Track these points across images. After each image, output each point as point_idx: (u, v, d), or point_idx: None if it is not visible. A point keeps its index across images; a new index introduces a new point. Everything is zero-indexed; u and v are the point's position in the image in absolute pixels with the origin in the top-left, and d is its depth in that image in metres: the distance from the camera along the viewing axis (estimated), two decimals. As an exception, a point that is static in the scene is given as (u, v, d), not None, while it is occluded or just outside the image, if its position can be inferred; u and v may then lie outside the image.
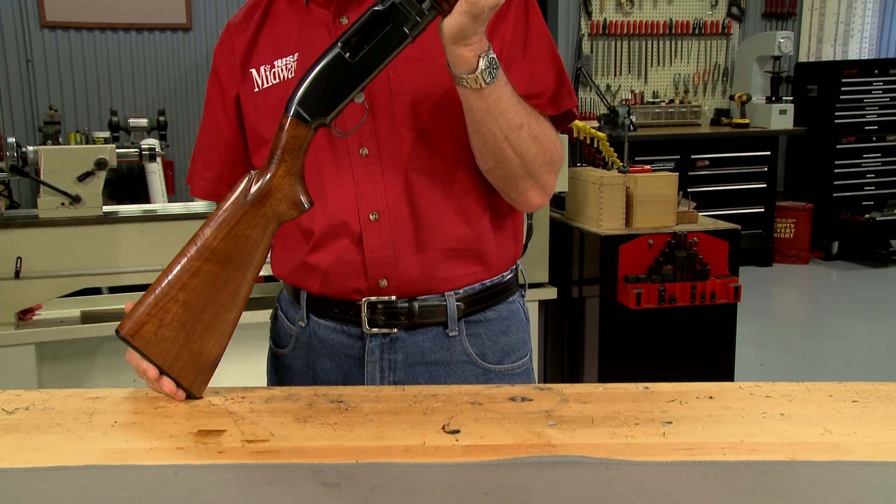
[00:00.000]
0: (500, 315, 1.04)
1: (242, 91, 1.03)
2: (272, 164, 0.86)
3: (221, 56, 1.05)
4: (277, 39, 1.01)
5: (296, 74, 0.98)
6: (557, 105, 0.99)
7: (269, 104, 1.00)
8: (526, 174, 0.96)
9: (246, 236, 0.87)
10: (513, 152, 0.93)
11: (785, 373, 3.65)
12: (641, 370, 2.36)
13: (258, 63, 1.01)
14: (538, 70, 0.98)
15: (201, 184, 1.11)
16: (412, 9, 0.84)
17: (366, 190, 0.97)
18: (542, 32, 0.99)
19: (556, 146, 0.98)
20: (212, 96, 1.07)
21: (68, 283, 2.11)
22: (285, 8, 1.02)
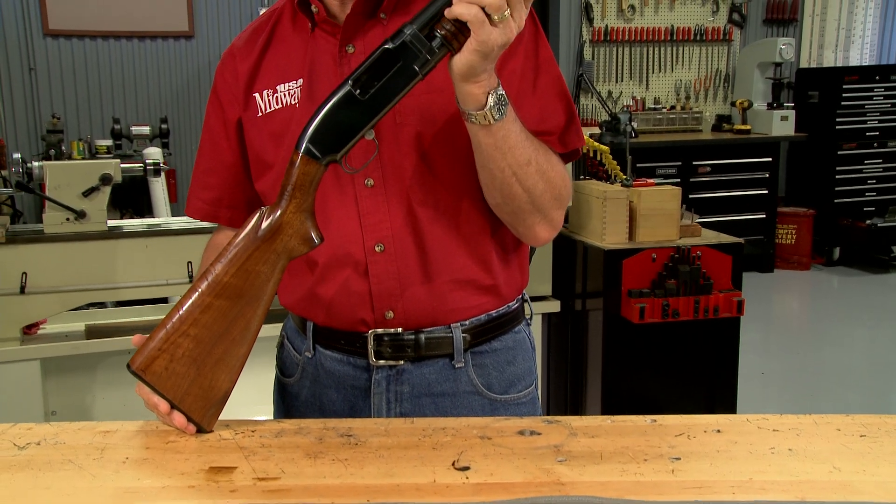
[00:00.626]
0: (505, 345, 1.04)
1: (245, 116, 1.03)
2: (283, 200, 0.87)
3: (223, 79, 1.05)
4: (282, 64, 1.01)
5: (300, 101, 0.98)
6: (565, 143, 0.99)
7: (272, 129, 1.00)
8: (534, 209, 0.96)
9: (257, 272, 0.88)
10: (521, 188, 0.93)
11: (786, 382, 3.66)
12: (645, 384, 2.36)
13: (261, 87, 1.01)
14: (548, 107, 0.98)
15: (198, 204, 1.10)
16: (422, 47, 0.84)
17: (371, 221, 0.97)
18: (551, 67, 0.99)
19: (564, 181, 0.98)
20: (212, 118, 1.07)
21: (73, 297, 2.11)
22: (290, 32, 1.02)
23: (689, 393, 2.38)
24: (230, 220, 1.09)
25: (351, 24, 0.96)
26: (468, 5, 0.81)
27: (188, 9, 4.66)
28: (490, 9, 0.80)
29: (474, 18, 0.81)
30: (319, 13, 0.98)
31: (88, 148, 4.41)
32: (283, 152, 0.97)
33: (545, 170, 0.94)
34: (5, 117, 4.42)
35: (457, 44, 0.84)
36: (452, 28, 0.84)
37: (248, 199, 1.08)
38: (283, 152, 0.98)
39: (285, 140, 0.98)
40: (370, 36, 0.97)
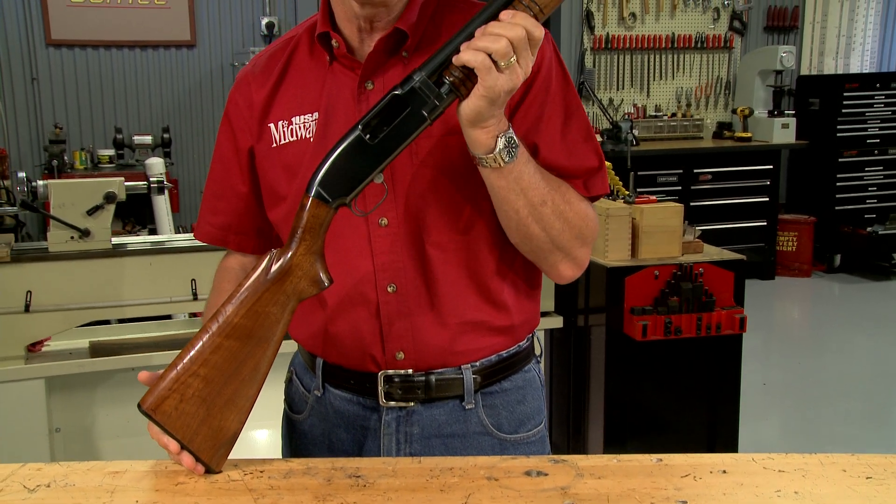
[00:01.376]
0: (515, 385, 1.05)
1: (258, 146, 1.03)
2: (293, 242, 0.88)
3: (236, 106, 1.05)
4: (298, 95, 1.01)
5: (315, 135, 0.98)
6: (590, 188, 0.99)
7: (285, 161, 1.00)
8: (554, 248, 0.96)
9: (266, 313, 0.88)
10: (538, 228, 0.93)
11: (788, 392, 3.66)
12: (647, 400, 2.37)
13: (276, 118, 1.01)
14: (577, 152, 0.98)
15: (207, 229, 1.10)
16: (431, 93, 0.85)
17: (384, 261, 0.97)
18: (579, 112, 0.99)
19: (585, 220, 0.98)
20: (223, 144, 1.07)
21: (77, 315, 2.12)
22: (307, 62, 1.01)
23: (692, 408, 2.39)
24: (239, 246, 1.10)
25: (372, 61, 0.96)
26: (475, 52, 0.82)
27: (190, 18, 4.67)
28: (497, 56, 0.81)
29: (481, 65, 0.82)
30: (339, 48, 0.98)
31: (91, 157, 4.43)
32: (297, 185, 0.97)
33: (562, 210, 0.94)
34: (8, 127, 4.43)
35: (465, 90, 0.85)
36: (460, 74, 0.85)
37: (258, 226, 1.08)
38: (296, 185, 0.98)
39: (299, 173, 0.98)
40: (390, 73, 0.97)
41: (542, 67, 0.96)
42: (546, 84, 0.96)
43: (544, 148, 0.97)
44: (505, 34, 0.81)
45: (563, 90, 0.98)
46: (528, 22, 0.83)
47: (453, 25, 0.98)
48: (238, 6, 4.74)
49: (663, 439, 2.39)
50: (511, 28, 0.82)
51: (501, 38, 0.81)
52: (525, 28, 0.82)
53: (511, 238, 0.97)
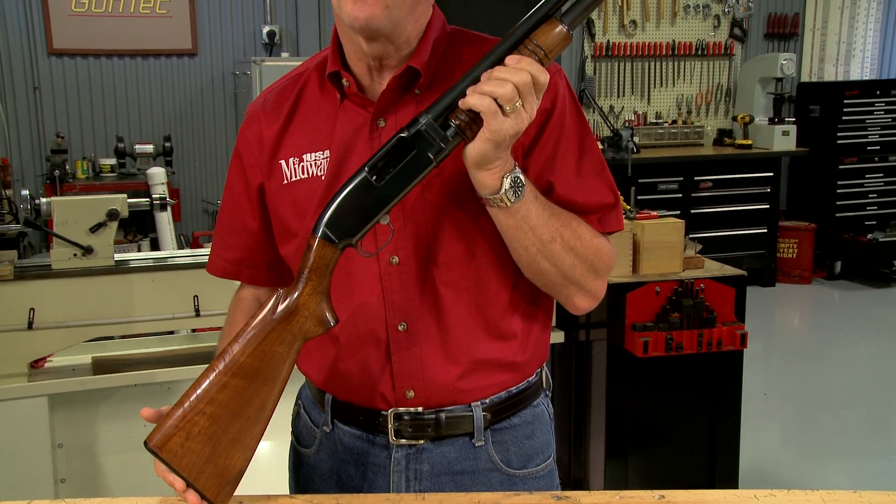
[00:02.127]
0: (524, 420, 1.05)
1: (269, 183, 1.03)
2: (299, 282, 0.88)
3: (247, 142, 1.05)
4: (308, 132, 1.01)
5: (326, 173, 0.98)
6: (604, 224, 1.00)
7: (296, 199, 1.00)
8: (567, 282, 0.97)
9: (273, 352, 0.89)
10: (548, 264, 0.94)
11: (789, 404, 3.67)
12: (648, 414, 2.37)
13: (287, 155, 1.01)
14: (592, 189, 0.99)
15: (220, 263, 1.11)
16: (437, 135, 0.86)
17: (395, 299, 0.98)
18: (593, 148, 1.00)
19: (598, 254, 0.98)
20: (234, 180, 1.07)
21: (80, 332, 2.12)
22: (318, 99, 1.02)
23: (693, 421, 2.39)
24: (251, 279, 1.11)
25: (385, 100, 0.96)
26: (481, 97, 0.83)
27: (191, 27, 4.68)
28: (502, 100, 0.82)
29: (487, 109, 0.82)
30: (350, 87, 0.98)
31: (92, 167, 4.44)
32: (307, 222, 0.98)
33: (573, 245, 0.95)
34: (10, 136, 4.44)
35: (470, 133, 0.86)
36: (466, 118, 0.86)
37: (269, 260, 1.08)
38: (307, 222, 0.98)
39: (309, 211, 0.98)
40: (402, 111, 0.97)
41: (556, 105, 0.97)
42: (560, 122, 0.97)
43: (559, 185, 0.97)
44: (510, 79, 0.82)
45: (578, 127, 0.99)
46: (533, 67, 0.83)
47: (466, 61, 0.98)
48: (239, 15, 4.75)
49: (664, 451, 2.40)
50: (517, 73, 0.82)
51: (507, 83, 0.82)
52: (530, 73, 0.83)
53: (524, 273, 0.98)
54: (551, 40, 0.86)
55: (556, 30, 0.86)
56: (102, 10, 4.50)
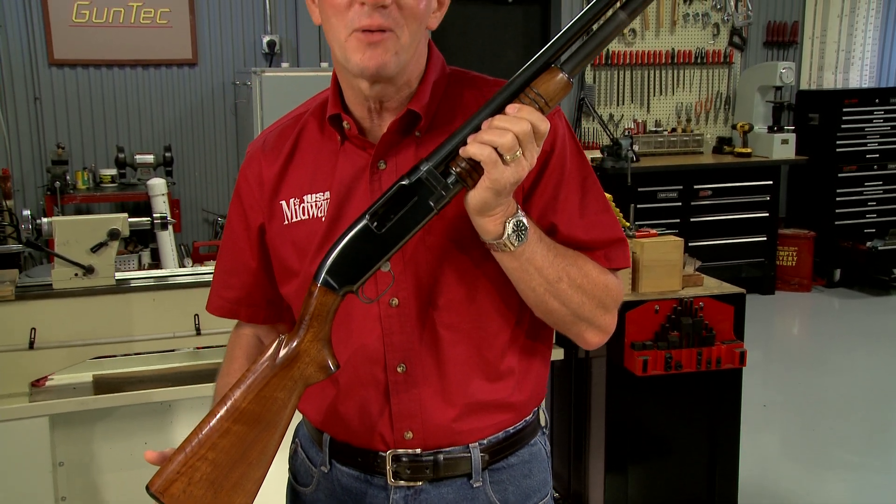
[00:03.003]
0: (522, 459, 1.05)
1: (270, 224, 1.03)
2: (301, 329, 0.89)
3: (247, 183, 1.05)
4: (309, 173, 1.01)
5: (327, 215, 0.99)
6: (611, 259, 1.00)
7: (296, 239, 1.01)
8: (577, 319, 0.97)
9: (274, 398, 0.90)
10: (557, 303, 0.94)
11: (787, 414, 3.67)
12: (647, 429, 2.38)
13: (287, 196, 1.02)
14: (596, 227, 0.99)
15: (220, 303, 1.12)
16: (437, 184, 0.86)
17: (394, 341, 0.98)
18: (595, 186, 1.00)
19: (606, 290, 0.98)
20: (234, 220, 1.08)
21: (81, 352, 2.13)
22: (318, 140, 1.02)
23: (692, 436, 2.40)
24: (250, 318, 1.11)
25: (385, 142, 0.97)
26: (482, 146, 0.83)
27: (192, 37, 4.68)
28: (503, 150, 0.83)
29: (487, 159, 0.83)
30: (351, 129, 0.99)
31: (93, 177, 4.44)
32: (308, 263, 0.99)
33: (580, 283, 0.95)
34: (10, 146, 4.45)
35: (471, 181, 0.86)
36: (467, 166, 0.86)
37: (270, 298, 1.09)
38: (308, 262, 0.99)
39: (310, 252, 0.99)
40: (403, 153, 0.98)
41: (556, 146, 0.97)
42: (560, 162, 0.98)
43: (563, 226, 0.98)
44: (511, 128, 0.83)
45: (578, 166, 0.99)
46: (533, 116, 0.84)
47: (467, 103, 0.99)
48: (240, 25, 4.75)
49: (664, 466, 2.41)
50: (517, 122, 0.83)
51: (507, 133, 0.83)
52: (531, 122, 0.84)
53: (534, 312, 0.98)
54: (552, 88, 0.87)
55: (556, 78, 0.87)
56: (103, 21, 4.51)
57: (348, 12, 0.90)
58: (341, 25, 0.91)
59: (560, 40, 0.87)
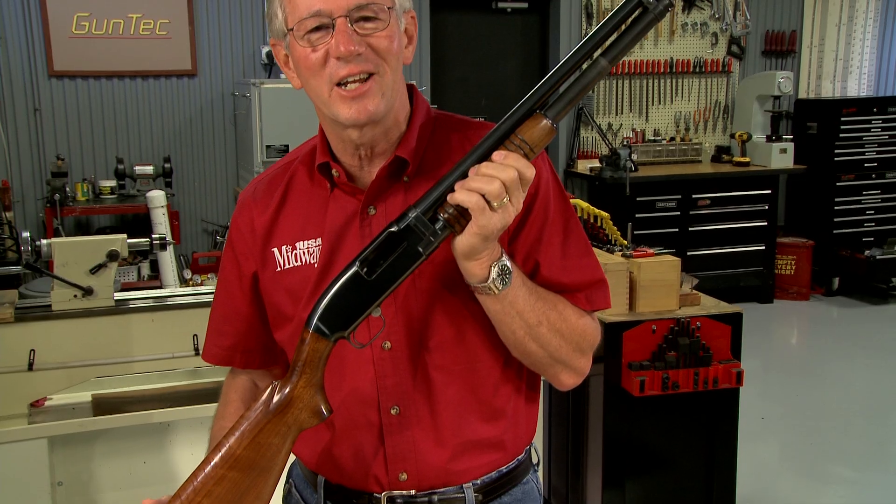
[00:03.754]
0: (515, 498, 1.07)
1: (263, 271, 1.05)
2: (293, 375, 0.90)
3: (239, 231, 1.07)
4: (300, 220, 1.03)
5: (319, 261, 1.00)
6: (592, 301, 1.02)
7: (289, 286, 1.02)
8: (554, 362, 0.99)
9: (268, 444, 0.91)
10: (535, 345, 0.96)
11: (786, 428, 3.68)
12: (645, 447, 2.39)
13: (280, 243, 1.03)
14: (577, 269, 1.01)
15: (215, 350, 1.13)
16: (426, 230, 0.88)
17: (387, 384, 0.99)
18: (577, 227, 1.02)
19: (584, 334, 1.00)
20: (227, 269, 1.09)
21: (80, 373, 2.14)
22: (308, 187, 1.03)
23: (690, 452, 2.40)
24: (245, 364, 1.12)
25: (374, 189, 0.98)
26: (469, 193, 0.85)
27: (191, 48, 4.70)
28: (490, 196, 0.84)
29: (475, 206, 0.85)
30: (340, 177, 1.00)
31: (92, 188, 4.45)
32: (302, 308, 1.00)
33: (559, 327, 0.97)
34: (10, 158, 4.46)
35: (459, 227, 0.88)
36: (455, 212, 0.88)
37: (264, 344, 1.10)
38: (301, 308, 1.00)
39: (303, 297, 1.00)
40: (392, 199, 0.99)
41: (540, 190, 0.99)
42: (544, 205, 0.99)
43: (545, 268, 0.99)
44: (498, 176, 0.84)
45: (562, 209, 1.01)
46: (519, 163, 0.86)
47: (453, 146, 1.00)
48: (239, 35, 4.77)
49: (661, 481, 2.41)
50: (503, 170, 0.85)
51: (494, 181, 0.84)
52: (517, 169, 0.85)
53: (512, 353, 1.00)
54: (536, 135, 0.88)
55: (540, 124, 0.88)
56: (103, 32, 4.52)
57: (325, 69, 0.92)
58: (321, 83, 0.93)
59: (543, 87, 0.88)
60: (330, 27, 0.91)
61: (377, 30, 0.92)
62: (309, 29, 0.91)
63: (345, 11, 0.90)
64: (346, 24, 0.90)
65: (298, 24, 0.92)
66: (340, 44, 0.90)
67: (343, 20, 0.90)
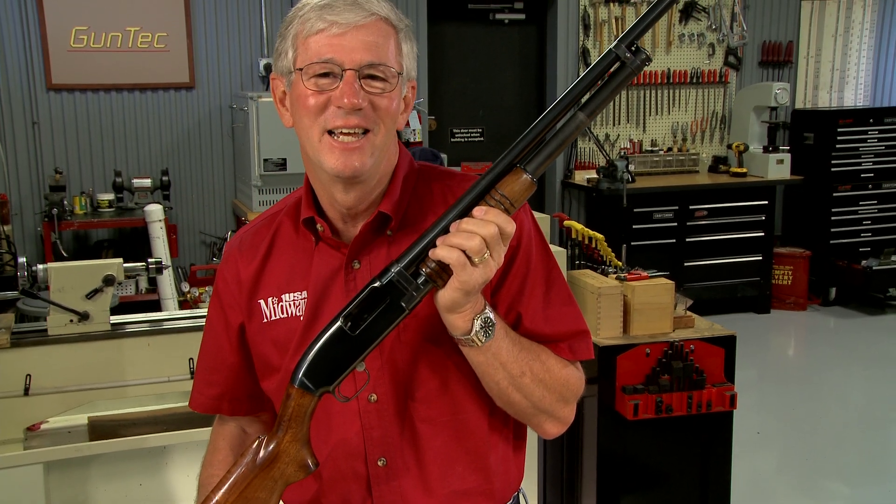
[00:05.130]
0: None
1: (249, 323, 1.06)
2: (279, 430, 0.91)
3: (225, 283, 1.08)
4: (286, 272, 1.04)
5: (305, 314, 1.01)
6: (575, 351, 1.03)
7: (276, 337, 1.03)
8: (537, 412, 1.00)
9: (256, 498, 0.92)
10: (519, 396, 0.97)
11: (782, 441, 3.69)
12: (639, 466, 2.40)
13: (266, 294, 1.05)
14: (560, 319, 1.02)
15: (202, 399, 1.14)
16: (408, 285, 0.89)
17: (374, 436, 1.00)
18: (559, 278, 1.03)
19: (567, 384, 1.01)
20: (214, 319, 1.10)
21: (76, 397, 2.15)
22: (293, 240, 1.05)
23: (684, 470, 2.41)
24: (233, 411, 1.13)
25: (358, 243, 1.00)
26: (450, 249, 0.86)
27: (189, 60, 4.71)
28: (471, 252, 0.85)
29: (456, 262, 0.86)
30: (325, 231, 1.01)
31: (90, 202, 4.46)
32: (289, 359, 1.01)
33: (542, 378, 0.98)
34: (8, 172, 4.47)
35: (441, 281, 0.89)
36: (436, 267, 0.89)
37: (251, 392, 1.11)
38: (287, 359, 1.01)
39: (290, 348, 1.01)
40: (375, 252, 1.00)
41: (522, 242, 1.00)
42: (527, 257, 1.00)
43: (527, 318, 1.01)
44: (479, 232, 0.86)
45: (544, 260, 1.02)
46: (500, 218, 0.87)
47: (436, 201, 1.02)
48: (237, 48, 4.78)
49: (656, 499, 2.42)
50: (484, 226, 0.86)
51: (475, 237, 0.85)
52: (497, 225, 0.86)
53: (496, 402, 1.01)
54: (516, 190, 0.89)
55: (520, 179, 0.89)
56: (101, 46, 4.54)
57: (322, 114, 0.93)
58: (314, 126, 0.94)
59: (523, 142, 0.90)
60: (338, 76, 0.93)
61: (383, 91, 0.94)
62: (318, 73, 0.93)
63: (356, 66, 0.92)
64: (355, 78, 0.92)
65: (308, 66, 0.93)
66: (345, 95, 0.92)
67: (352, 73, 0.92)
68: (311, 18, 0.93)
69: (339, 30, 0.92)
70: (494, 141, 5.59)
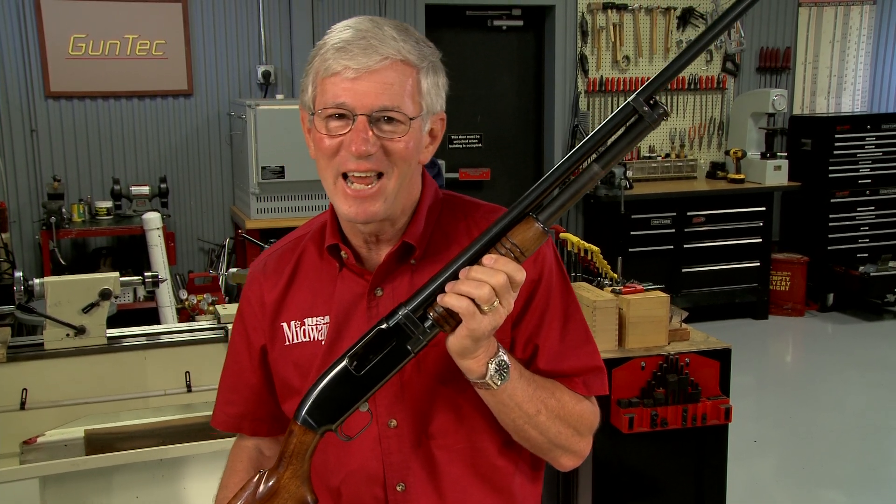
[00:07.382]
0: None
1: (272, 345, 1.07)
2: (280, 465, 0.92)
3: (249, 305, 1.10)
4: (309, 297, 1.05)
5: (327, 338, 1.02)
6: (589, 387, 1.04)
7: (297, 360, 1.05)
8: (553, 446, 1.01)
9: (254, 532, 0.92)
10: (535, 433, 0.98)
11: (778, 448, 3.69)
12: (634, 475, 2.40)
13: (289, 318, 1.06)
14: (575, 355, 1.03)
15: (223, 418, 1.16)
16: (415, 328, 0.89)
17: (393, 461, 1.01)
18: (578, 315, 1.04)
19: (582, 419, 1.02)
20: (237, 340, 1.12)
21: (73, 411, 2.15)
22: (317, 265, 1.06)
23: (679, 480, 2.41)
24: (254, 431, 1.15)
25: (382, 271, 1.01)
26: (459, 297, 0.86)
27: (187, 68, 4.71)
28: (480, 300, 0.85)
29: (465, 311, 0.86)
30: (349, 258, 1.02)
31: (89, 209, 4.47)
32: (309, 383, 1.01)
33: (557, 414, 0.99)
34: (7, 179, 4.47)
35: (448, 326, 0.89)
36: (444, 312, 0.89)
37: (272, 413, 1.12)
38: (308, 382, 1.01)
39: (312, 371, 1.02)
40: (398, 281, 1.01)
41: (544, 275, 1.01)
42: (547, 292, 1.01)
43: (544, 352, 1.01)
44: (488, 281, 0.85)
45: (563, 296, 1.03)
46: (509, 267, 0.87)
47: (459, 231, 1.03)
48: (235, 55, 4.79)
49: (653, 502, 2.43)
50: (493, 275, 0.86)
51: (484, 286, 0.85)
52: (507, 273, 0.86)
53: (513, 438, 1.02)
54: (528, 239, 0.89)
55: (532, 228, 0.89)
56: (99, 53, 4.54)
57: (336, 157, 0.94)
58: (330, 169, 0.96)
59: (536, 191, 0.90)
60: (351, 119, 0.93)
61: (395, 134, 0.94)
62: (331, 115, 0.94)
63: (367, 111, 0.93)
64: (366, 123, 0.93)
65: (323, 109, 0.95)
66: (353, 143, 0.93)
67: (363, 118, 0.93)
68: (329, 59, 0.94)
69: (353, 74, 0.92)
70: (492, 147, 5.60)
